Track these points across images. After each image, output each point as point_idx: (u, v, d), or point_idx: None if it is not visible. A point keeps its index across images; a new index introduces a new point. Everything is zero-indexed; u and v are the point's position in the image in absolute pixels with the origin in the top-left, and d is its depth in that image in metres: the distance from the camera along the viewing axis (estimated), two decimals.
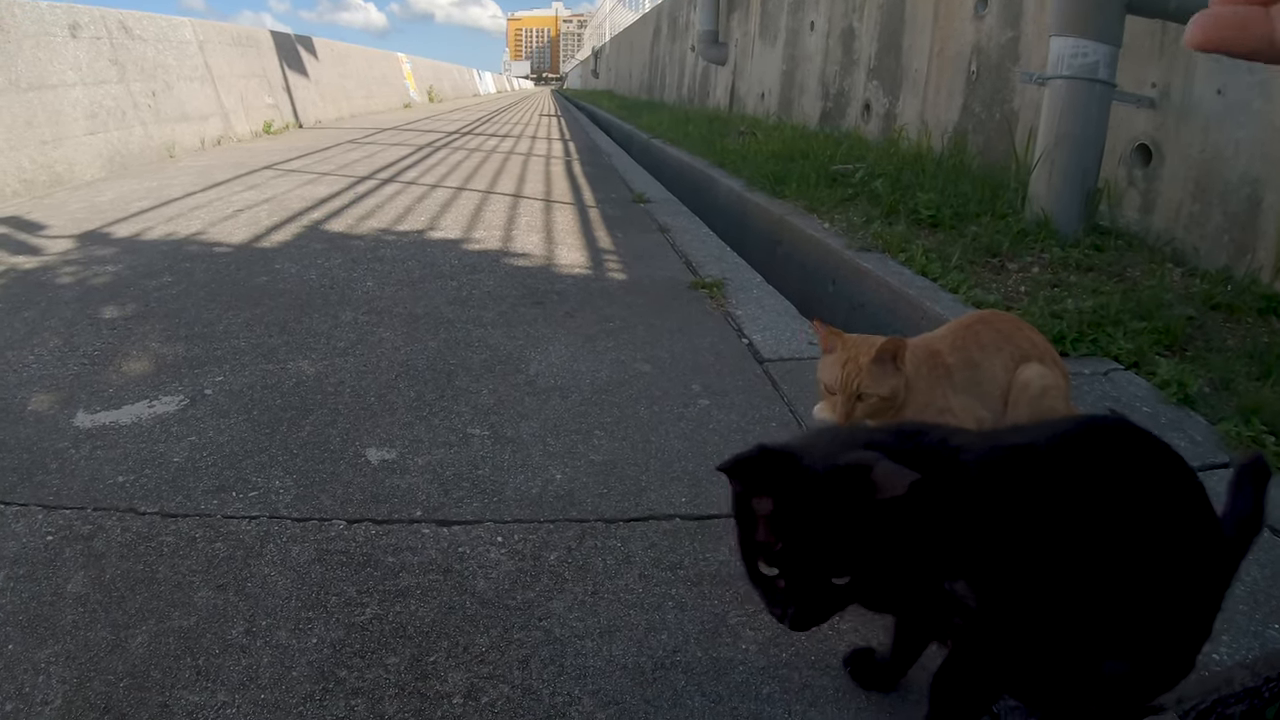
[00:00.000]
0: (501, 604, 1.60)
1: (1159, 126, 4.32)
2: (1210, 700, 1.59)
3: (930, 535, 1.07)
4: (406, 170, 7.79)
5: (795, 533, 1.04)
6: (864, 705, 1.38)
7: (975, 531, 1.09)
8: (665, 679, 1.42)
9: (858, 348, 1.87)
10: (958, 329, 2.01)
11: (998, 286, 3.62)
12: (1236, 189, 3.84)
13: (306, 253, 4.22)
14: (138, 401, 2.41)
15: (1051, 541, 1.10)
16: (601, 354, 2.95)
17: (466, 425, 2.35)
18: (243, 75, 10.39)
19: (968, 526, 1.08)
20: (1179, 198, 4.18)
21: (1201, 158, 4.03)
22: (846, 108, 8.80)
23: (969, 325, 2.01)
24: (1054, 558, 1.10)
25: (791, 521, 1.04)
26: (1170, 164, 4.24)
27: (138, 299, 3.32)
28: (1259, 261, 3.69)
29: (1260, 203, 3.71)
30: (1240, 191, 3.82)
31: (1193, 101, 4.09)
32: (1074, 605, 1.13)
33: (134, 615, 1.52)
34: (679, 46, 19.21)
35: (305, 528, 1.82)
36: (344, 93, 15.29)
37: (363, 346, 2.91)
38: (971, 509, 1.09)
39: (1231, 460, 1.38)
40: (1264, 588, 1.78)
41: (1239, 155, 3.83)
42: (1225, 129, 3.90)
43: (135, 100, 7.60)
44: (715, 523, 1.90)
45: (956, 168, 5.86)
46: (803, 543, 1.03)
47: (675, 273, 4.19)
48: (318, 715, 1.32)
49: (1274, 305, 3.42)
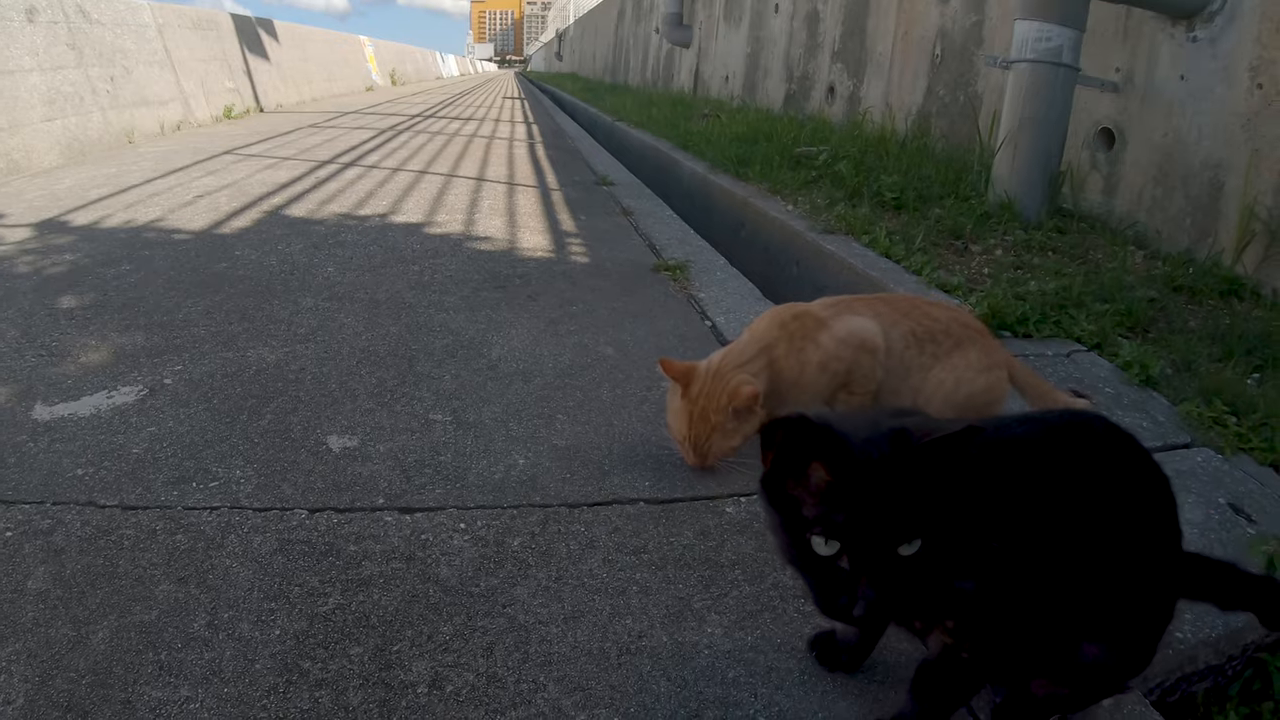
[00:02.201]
0: (465, 591, 1.58)
1: (1122, 111, 4.35)
2: (1174, 678, 1.61)
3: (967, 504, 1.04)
4: (369, 154, 7.72)
5: (858, 499, 0.98)
6: (830, 687, 1.38)
7: (981, 520, 1.07)
8: (630, 664, 1.42)
9: (709, 398, 1.87)
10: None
11: (961, 268, 3.63)
12: (1199, 173, 3.87)
13: (267, 238, 4.17)
14: (96, 393, 2.37)
15: (1045, 532, 1.10)
16: (564, 337, 2.94)
17: (428, 411, 2.33)
18: (203, 59, 10.25)
19: (975, 515, 1.06)
20: (1142, 181, 4.20)
21: (1164, 142, 4.06)
22: (811, 91, 8.80)
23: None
24: (1048, 547, 1.10)
25: (853, 488, 0.98)
26: (1133, 148, 4.27)
27: (96, 288, 3.26)
28: (1221, 244, 3.72)
29: (1222, 187, 3.74)
30: (1202, 175, 3.85)
31: (1156, 86, 4.12)
32: (1060, 593, 1.13)
33: (95, 611, 1.49)
34: (643, 29, 19.15)
35: (267, 518, 1.80)
36: (305, 76, 15.14)
37: (324, 333, 2.88)
38: (977, 499, 1.07)
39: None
40: None
41: (1201, 140, 3.86)
42: (1188, 114, 3.93)
43: (94, 86, 7.48)
44: (679, 506, 1.90)
45: (920, 151, 5.88)
46: (868, 508, 0.97)
47: (638, 255, 4.18)
48: (281, 708, 1.30)
49: (1235, 287, 3.45)
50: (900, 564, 0.98)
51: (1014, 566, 1.09)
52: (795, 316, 1.98)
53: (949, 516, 1.01)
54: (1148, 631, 1.22)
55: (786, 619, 1.54)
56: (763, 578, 1.65)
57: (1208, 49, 3.83)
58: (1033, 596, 1.12)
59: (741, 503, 1.93)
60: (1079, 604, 1.14)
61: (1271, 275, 3.48)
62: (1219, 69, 3.77)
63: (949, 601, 1.10)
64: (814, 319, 1.95)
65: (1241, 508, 2.00)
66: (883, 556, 0.98)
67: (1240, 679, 1.70)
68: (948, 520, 1.00)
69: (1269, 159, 3.53)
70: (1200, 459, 2.21)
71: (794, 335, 1.93)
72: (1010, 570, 1.09)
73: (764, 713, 1.33)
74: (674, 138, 8.12)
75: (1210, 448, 2.27)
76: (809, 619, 1.54)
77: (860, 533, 0.98)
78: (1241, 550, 1.83)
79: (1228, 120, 3.73)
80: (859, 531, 0.98)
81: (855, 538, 0.98)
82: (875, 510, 0.97)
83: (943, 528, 1.00)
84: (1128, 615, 1.18)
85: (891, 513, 0.97)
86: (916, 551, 0.98)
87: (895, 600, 1.00)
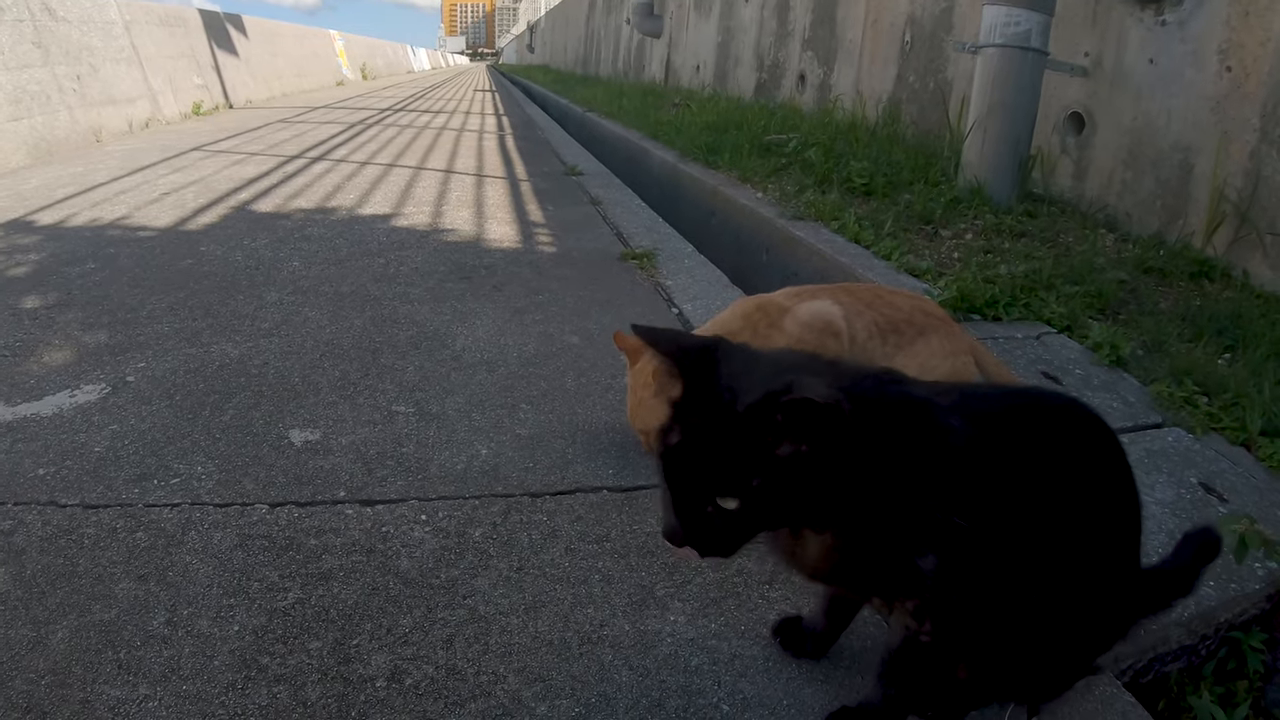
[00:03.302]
0: (425, 583, 1.57)
1: (1092, 95, 4.36)
2: (1147, 659, 1.60)
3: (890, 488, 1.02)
4: (337, 148, 7.67)
5: (685, 432, 0.97)
6: (794, 675, 1.37)
7: (955, 494, 1.05)
8: (592, 654, 1.40)
9: (641, 373, 1.86)
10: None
11: (930, 253, 3.63)
12: (1168, 156, 3.88)
13: (233, 234, 4.14)
14: (59, 392, 2.34)
15: (1016, 510, 1.09)
16: (529, 327, 2.92)
17: (391, 403, 2.31)
18: (171, 56, 10.16)
19: (946, 488, 1.05)
20: (1112, 165, 4.21)
21: (1134, 126, 4.07)
22: (781, 79, 8.80)
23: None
24: (1017, 525, 1.09)
25: (695, 414, 0.97)
26: (1103, 132, 4.28)
27: (60, 287, 3.23)
28: (1191, 227, 3.74)
29: (1192, 170, 3.76)
30: (1172, 159, 3.86)
31: (1125, 70, 4.13)
32: (1024, 575, 1.12)
33: (55, 610, 1.48)
34: (614, 20, 19.14)
35: (227, 513, 1.78)
36: (275, 72, 15.04)
37: (288, 327, 2.85)
38: (953, 473, 1.05)
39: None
40: None
41: (1171, 123, 3.87)
42: (1157, 97, 3.94)
43: (60, 84, 7.39)
44: (643, 494, 1.89)
45: (890, 137, 5.89)
46: (686, 448, 0.96)
47: (606, 244, 4.17)
48: (239, 705, 1.29)
49: (1206, 269, 3.47)
50: (717, 514, 0.97)
51: (978, 545, 1.07)
52: (759, 307, 1.97)
53: (893, 491, 1.00)
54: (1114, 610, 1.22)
55: (750, 605, 1.53)
56: (726, 564, 1.64)
57: (1177, 32, 3.84)
58: (996, 578, 1.10)
59: None
60: (1043, 586, 1.13)
61: (1242, 256, 3.50)
62: (1188, 52, 3.78)
63: (908, 578, 1.08)
64: (777, 307, 1.94)
65: (1213, 487, 2.01)
66: (690, 498, 0.97)
67: (1214, 658, 1.70)
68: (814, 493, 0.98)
69: (1238, 141, 3.54)
70: (1172, 439, 2.22)
71: (758, 325, 1.92)
72: (974, 549, 1.07)
73: (727, 701, 1.32)
74: (644, 127, 8.12)
75: (1182, 427, 2.28)
76: (774, 605, 1.53)
77: (672, 469, 0.97)
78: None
79: (1197, 103, 3.74)
80: (672, 467, 0.98)
81: (668, 471, 0.98)
82: (692, 452, 0.96)
83: (796, 497, 0.98)
84: (1089, 597, 1.17)
85: (705, 461, 0.96)
86: (737, 509, 0.96)
87: (721, 541, 0.99)
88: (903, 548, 1.05)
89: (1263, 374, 2.51)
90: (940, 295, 2.98)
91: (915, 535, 1.05)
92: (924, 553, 1.05)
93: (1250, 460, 2.16)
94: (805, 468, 0.96)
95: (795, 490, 0.97)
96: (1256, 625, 1.71)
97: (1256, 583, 1.71)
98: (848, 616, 1.38)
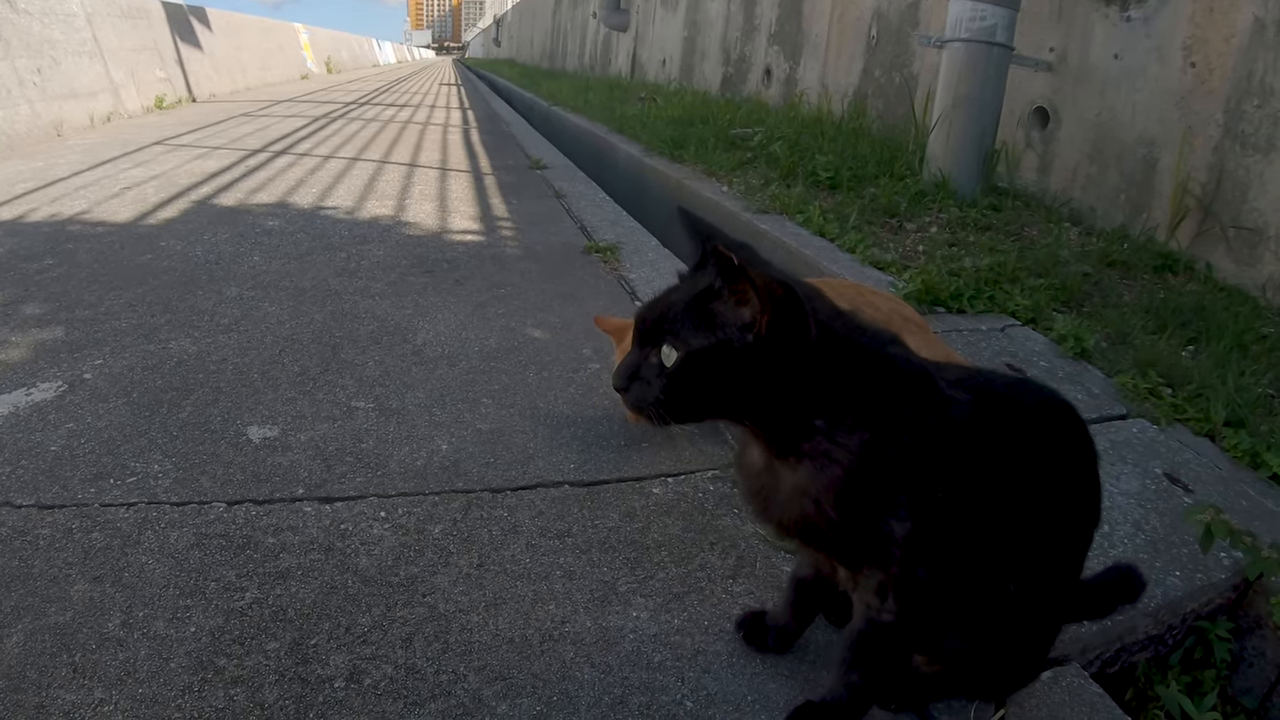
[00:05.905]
0: (384, 581, 1.55)
1: (1056, 90, 4.38)
2: (1114, 649, 1.61)
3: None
4: (301, 142, 7.61)
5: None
6: (759, 670, 1.37)
7: (943, 466, 1.04)
8: (553, 651, 1.39)
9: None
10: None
11: (895, 246, 3.64)
12: (1133, 150, 3.91)
13: (193, 229, 4.08)
14: (15, 390, 2.30)
15: (994, 494, 1.08)
16: (491, 321, 2.91)
17: (351, 399, 2.29)
18: (133, 49, 10.04)
19: (936, 458, 1.04)
20: (1076, 159, 4.24)
21: (1098, 120, 4.09)
22: (748, 73, 8.81)
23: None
24: (992, 509, 1.08)
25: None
26: (1067, 126, 4.30)
27: (17, 283, 3.17)
28: (1154, 220, 3.77)
29: (1156, 163, 3.78)
30: (1136, 153, 3.89)
31: (1090, 65, 4.15)
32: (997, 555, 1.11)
33: (8, 614, 1.44)
34: (581, 13, 19.11)
35: (184, 512, 1.75)
36: (239, 65, 14.90)
37: (247, 322, 2.81)
38: (948, 445, 1.05)
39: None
40: (1164, 536, 1.81)
41: (1135, 118, 3.90)
42: (1122, 92, 3.97)
43: (21, 78, 7.28)
44: (605, 488, 1.88)
45: (856, 131, 5.90)
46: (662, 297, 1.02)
47: (570, 238, 4.15)
48: (196, 707, 1.26)
49: (1170, 262, 3.50)
50: (659, 366, 1.01)
51: (953, 521, 1.06)
52: None
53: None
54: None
55: (714, 600, 1.52)
56: (689, 559, 1.63)
57: (1141, 28, 3.86)
58: (965, 558, 1.09)
59: (669, 483, 1.91)
60: (1010, 571, 1.13)
61: (1205, 250, 3.52)
62: (1153, 48, 3.81)
63: (877, 543, 1.06)
64: None
65: (1178, 477, 2.02)
66: (639, 345, 1.03)
67: (1181, 648, 1.71)
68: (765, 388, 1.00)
69: (1202, 136, 3.57)
70: (1136, 430, 2.23)
71: None
72: (948, 525, 1.06)
73: (691, 697, 1.31)
74: (610, 121, 8.11)
75: (1146, 419, 2.29)
76: (737, 600, 1.52)
77: (638, 325, 1.04)
78: (1177, 520, 1.84)
79: (1161, 98, 3.77)
80: (638, 323, 1.04)
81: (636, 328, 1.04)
82: (655, 304, 1.03)
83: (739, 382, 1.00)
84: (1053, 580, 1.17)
85: (660, 310, 1.02)
86: (676, 367, 0.99)
87: (643, 394, 1.02)
88: (877, 506, 1.04)
89: (1226, 365, 2.53)
90: (905, 288, 2.99)
91: (892, 496, 1.04)
92: (901, 517, 1.04)
93: (1214, 451, 2.18)
94: (756, 348, 0.98)
95: (738, 368, 0.99)
96: (1223, 614, 1.72)
97: (1222, 572, 1.72)
98: (813, 612, 1.38)
